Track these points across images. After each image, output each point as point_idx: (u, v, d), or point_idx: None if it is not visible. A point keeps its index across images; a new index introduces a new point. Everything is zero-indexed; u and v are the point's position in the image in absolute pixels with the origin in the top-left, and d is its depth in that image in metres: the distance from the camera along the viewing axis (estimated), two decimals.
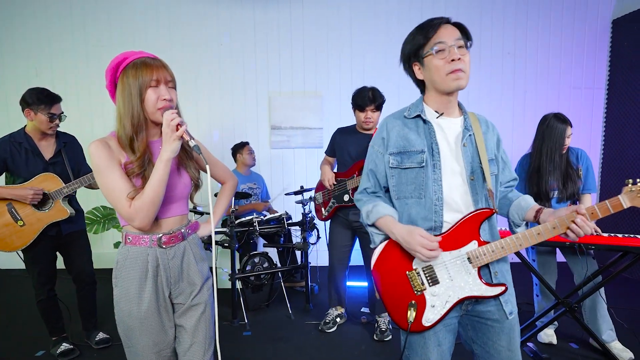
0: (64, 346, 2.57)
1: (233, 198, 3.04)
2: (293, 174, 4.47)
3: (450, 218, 1.27)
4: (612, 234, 2.47)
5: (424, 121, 1.33)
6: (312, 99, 4.44)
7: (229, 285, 3.21)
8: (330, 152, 2.94)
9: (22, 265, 2.49)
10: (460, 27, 1.28)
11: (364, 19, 4.43)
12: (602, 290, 2.48)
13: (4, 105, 4.37)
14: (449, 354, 1.36)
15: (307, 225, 3.24)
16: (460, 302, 1.28)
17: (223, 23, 4.39)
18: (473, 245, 1.25)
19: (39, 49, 4.32)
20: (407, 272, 1.32)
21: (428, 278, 1.29)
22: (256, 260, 3.16)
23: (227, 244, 3.03)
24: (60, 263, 2.58)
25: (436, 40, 1.23)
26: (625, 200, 1.17)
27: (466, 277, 1.26)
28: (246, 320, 3.02)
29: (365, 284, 3.25)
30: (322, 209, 2.95)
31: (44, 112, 2.33)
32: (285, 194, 3.61)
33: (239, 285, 3.13)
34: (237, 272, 3.07)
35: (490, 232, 1.29)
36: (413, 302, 1.29)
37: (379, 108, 2.66)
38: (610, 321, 2.50)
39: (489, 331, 1.31)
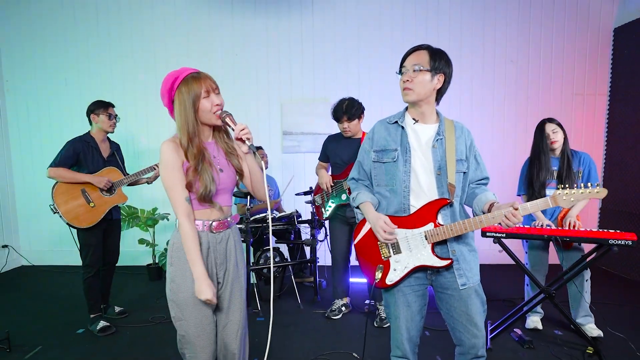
0: (102, 323, 3.17)
1: (248, 198, 3.58)
2: (303, 176, 4.98)
3: (416, 203, 1.77)
4: (590, 229, 2.91)
5: (401, 127, 1.83)
6: (321, 105, 4.96)
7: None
8: (323, 158, 3.47)
9: (51, 262, 3.15)
10: (429, 51, 1.76)
11: (370, 30, 4.95)
12: (588, 284, 2.94)
13: (34, 111, 5.01)
14: (419, 315, 1.85)
15: (315, 223, 3.75)
16: (421, 269, 1.77)
17: (237, 33, 4.96)
18: (430, 226, 1.74)
19: (66, 59, 4.96)
20: (378, 242, 1.84)
21: (393, 248, 1.81)
22: (268, 254, 3.67)
23: (242, 239, 3.55)
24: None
25: (402, 65, 1.78)
26: (550, 201, 1.63)
27: (422, 250, 1.75)
28: (259, 308, 3.53)
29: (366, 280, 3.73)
30: (323, 209, 3.45)
31: (104, 114, 3.17)
32: (296, 194, 4.12)
33: (253, 278, 3.65)
34: (251, 264, 3.59)
35: (451, 217, 1.77)
36: (380, 265, 1.82)
37: (352, 118, 3.16)
38: (588, 309, 3.00)
39: (450, 299, 1.78)
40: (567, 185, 1.64)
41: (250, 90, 5.03)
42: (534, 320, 3.15)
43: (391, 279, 1.81)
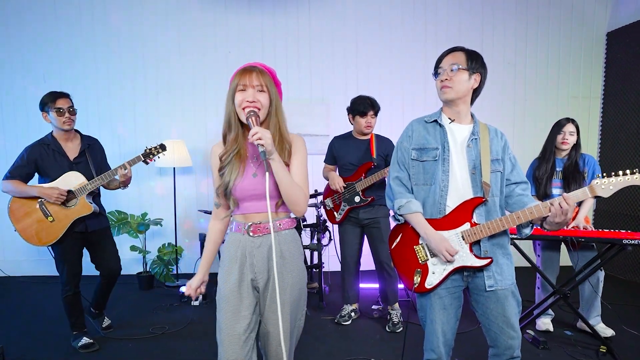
0: (85, 340, 3.02)
1: None
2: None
3: (452, 203, 1.84)
4: (604, 230, 3.08)
5: (440, 125, 1.92)
6: (318, 107, 5.02)
7: None
8: (330, 160, 3.52)
9: (29, 272, 2.97)
10: (465, 52, 1.90)
11: (369, 29, 5.06)
12: (600, 285, 3.11)
13: (11, 110, 4.86)
14: (455, 318, 1.92)
15: (320, 227, 3.79)
16: (457, 271, 1.84)
17: (231, 31, 4.97)
18: (466, 225, 1.82)
19: (47, 56, 4.83)
20: (414, 246, 1.91)
21: (430, 251, 1.87)
22: None
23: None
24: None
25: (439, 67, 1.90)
26: (588, 190, 1.72)
27: (460, 251, 1.83)
28: None
29: (376, 285, 3.79)
30: (335, 213, 3.50)
31: (52, 109, 2.81)
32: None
33: None
34: None
35: (486, 217, 1.85)
36: (418, 269, 1.89)
37: (377, 114, 3.29)
38: (599, 310, 3.16)
39: (486, 300, 1.86)
40: (604, 175, 1.67)
41: None
42: (545, 322, 3.30)
43: (430, 282, 1.87)
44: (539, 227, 1.88)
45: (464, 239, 1.83)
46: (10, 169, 2.86)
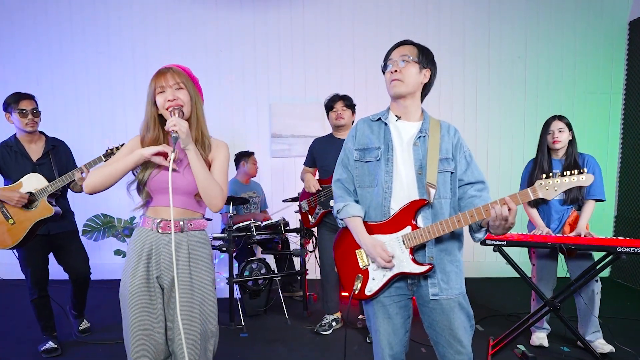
0: (49, 345, 3.10)
1: (231, 204, 3.63)
2: (294, 182, 5.03)
3: (397, 205, 1.80)
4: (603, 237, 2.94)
5: (384, 123, 1.88)
6: (313, 107, 5.02)
7: (227, 293, 3.75)
8: (310, 162, 3.55)
9: (9, 276, 3.07)
10: (416, 45, 1.86)
11: (366, 26, 5.04)
12: (598, 297, 2.98)
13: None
14: (403, 329, 1.87)
15: (304, 232, 3.79)
16: (401, 278, 1.80)
17: (222, 29, 5.05)
18: (407, 229, 1.77)
19: (38, 58, 5.04)
20: (356, 250, 1.88)
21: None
22: (254, 266, 3.72)
23: (224, 249, 3.60)
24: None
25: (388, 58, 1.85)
26: (530, 192, 1.64)
27: (400, 256, 1.78)
28: (243, 324, 3.55)
29: None
30: (309, 216, 3.50)
31: (15, 111, 2.90)
32: (283, 201, 4.17)
33: (237, 291, 3.68)
34: (235, 276, 3.63)
35: (433, 220, 1.79)
36: (359, 275, 1.86)
37: (349, 107, 3.30)
38: (598, 324, 3.02)
39: (431, 312, 1.81)
40: (550, 175, 1.62)
41: (237, 90, 5.11)
42: (540, 337, 3.17)
43: (370, 288, 1.84)
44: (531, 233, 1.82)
45: (404, 243, 1.79)
46: None
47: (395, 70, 1.81)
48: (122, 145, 3.03)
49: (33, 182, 2.94)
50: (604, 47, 5.08)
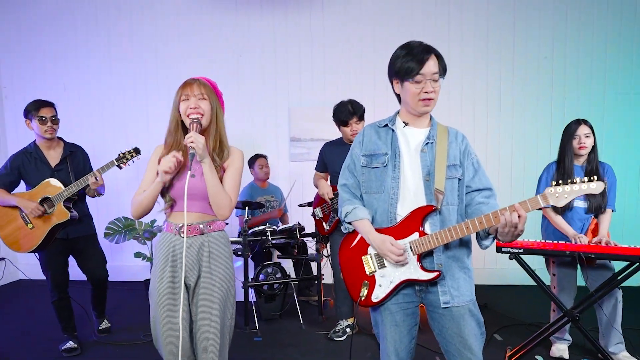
0: (69, 344, 3.26)
1: (247, 209, 3.70)
2: (312, 186, 5.06)
3: (404, 212, 1.81)
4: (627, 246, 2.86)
5: (392, 130, 1.90)
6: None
7: (242, 297, 3.82)
8: (321, 167, 3.55)
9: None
10: (440, 57, 1.83)
11: (387, 30, 5.03)
12: (620, 305, 2.90)
13: None
14: (409, 337, 1.88)
15: (320, 237, 3.82)
16: (408, 285, 1.81)
17: (242, 33, 5.15)
18: (415, 236, 1.78)
19: (65, 65, 5.28)
20: (362, 256, 1.90)
21: (377, 262, 1.86)
22: (269, 270, 3.78)
23: (239, 253, 3.67)
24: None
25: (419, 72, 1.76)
26: (540, 199, 1.63)
27: (408, 263, 1.79)
28: (257, 328, 3.61)
29: None
30: (324, 223, 3.52)
31: (35, 118, 3.03)
32: (299, 205, 4.21)
33: (252, 295, 3.75)
34: (250, 280, 3.69)
35: (441, 226, 1.80)
36: (366, 281, 1.87)
37: (361, 118, 3.27)
38: (621, 336, 2.93)
39: (441, 318, 1.82)
40: (560, 182, 1.62)
41: (256, 94, 5.20)
42: (560, 349, 3.10)
43: (377, 295, 1.86)
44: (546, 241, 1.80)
45: (412, 250, 1.80)
46: None
47: (432, 91, 1.77)
48: (134, 150, 3.15)
49: (49, 187, 3.07)
50: (637, 46, 4.91)
